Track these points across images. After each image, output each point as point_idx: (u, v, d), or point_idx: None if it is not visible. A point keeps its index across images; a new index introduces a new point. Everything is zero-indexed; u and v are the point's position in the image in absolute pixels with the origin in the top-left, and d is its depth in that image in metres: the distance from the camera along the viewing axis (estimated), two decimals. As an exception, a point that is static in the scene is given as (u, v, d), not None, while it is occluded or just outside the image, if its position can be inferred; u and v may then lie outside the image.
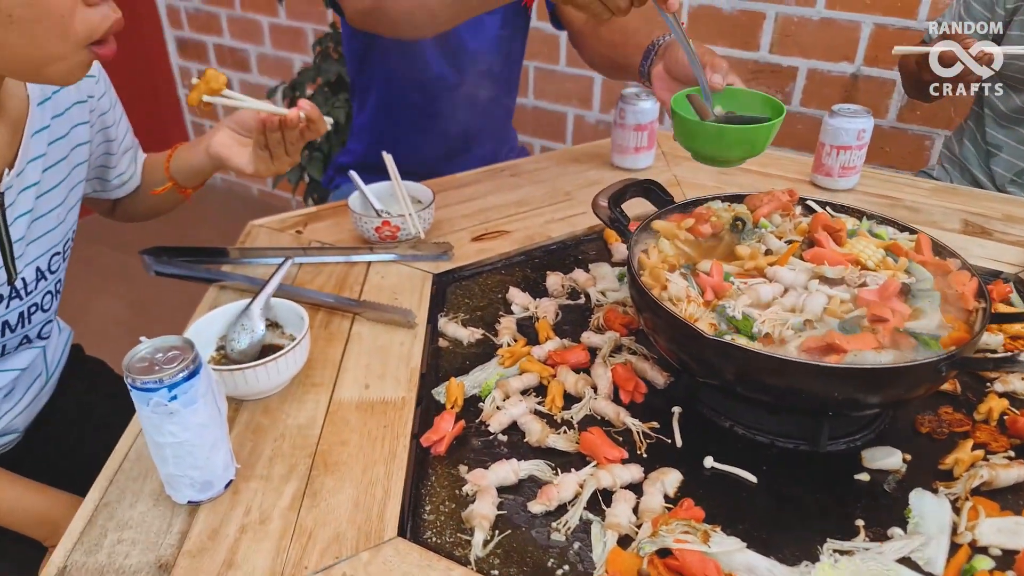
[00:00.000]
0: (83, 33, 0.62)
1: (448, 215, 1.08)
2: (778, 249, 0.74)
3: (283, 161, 0.85)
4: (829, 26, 1.81)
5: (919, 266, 0.69)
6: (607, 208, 0.78)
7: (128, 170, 0.95)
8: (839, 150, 1.11)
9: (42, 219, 0.77)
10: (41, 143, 0.76)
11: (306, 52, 2.69)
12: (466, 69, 1.23)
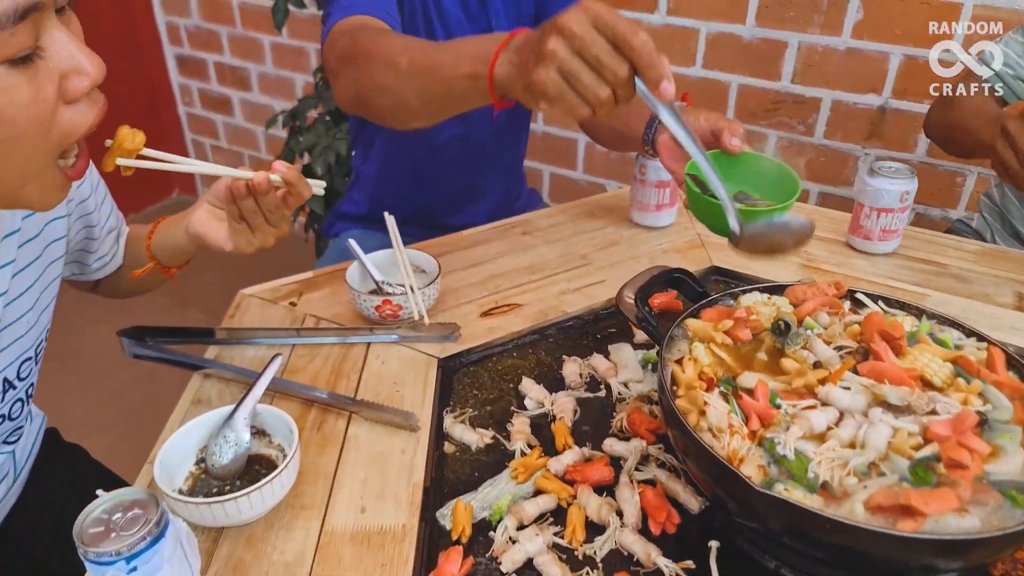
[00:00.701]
0: (60, 136, 0.54)
1: (455, 283, 0.99)
2: (828, 359, 0.65)
3: (265, 232, 0.74)
4: (856, 56, 1.72)
5: (995, 390, 0.60)
6: (634, 306, 0.69)
7: (110, 251, 0.87)
8: (880, 212, 1.02)
9: (10, 327, 0.69)
10: (11, 248, 0.67)
11: (308, 72, 2.61)
12: (474, 123, 1.15)
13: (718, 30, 1.86)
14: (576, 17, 0.57)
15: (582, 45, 0.57)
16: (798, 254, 1.07)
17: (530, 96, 0.63)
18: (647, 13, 1.92)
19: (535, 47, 0.60)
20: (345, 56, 0.84)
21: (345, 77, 0.84)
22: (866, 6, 1.67)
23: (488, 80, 0.66)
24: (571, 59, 0.58)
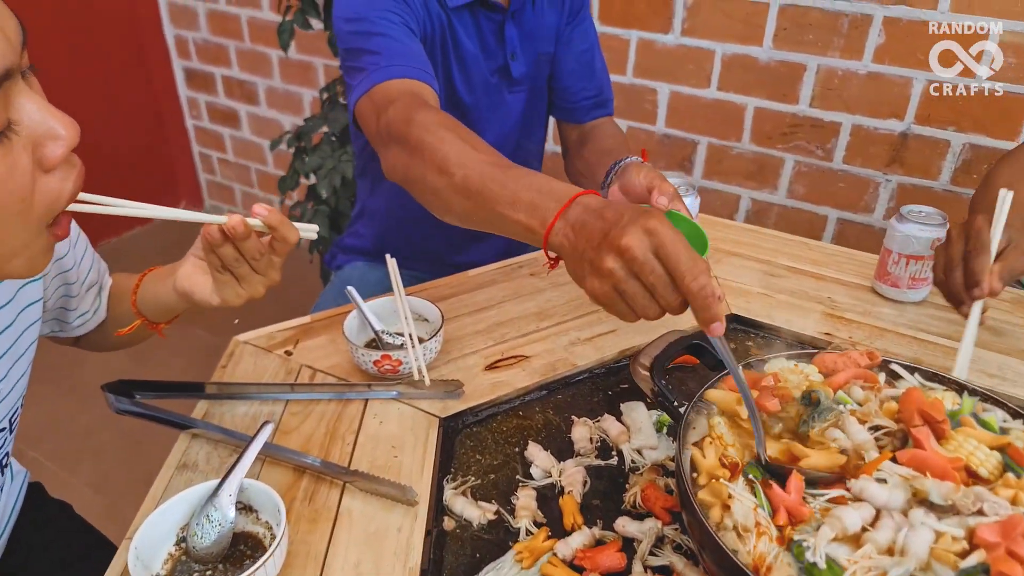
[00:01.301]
0: (43, 208, 0.51)
1: (459, 330, 0.94)
2: (863, 443, 0.60)
3: (253, 282, 0.68)
4: (876, 80, 1.67)
5: (1051, 486, 0.55)
6: (649, 378, 0.64)
7: (92, 307, 0.82)
8: (909, 260, 0.96)
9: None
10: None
11: (315, 87, 2.58)
12: None
13: (733, 51, 1.80)
14: (638, 241, 0.55)
15: (640, 271, 0.55)
16: (820, 300, 1.02)
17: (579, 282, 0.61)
18: (661, 33, 1.87)
19: (592, 258, 0.58)
20: (396, 135, 0.79)
21: (397, 156, 0.79)
22: (888, 30, 1.61)
23: (544, 240, 0.63)
24: (627, 280, 0.57)
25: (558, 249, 0.62)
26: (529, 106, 1.19)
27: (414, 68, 0.89)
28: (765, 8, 1.72)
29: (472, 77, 1.10)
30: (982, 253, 0.80)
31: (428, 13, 1.02)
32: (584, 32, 1.21)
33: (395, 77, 0.87)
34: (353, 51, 0.94)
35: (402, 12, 0.96)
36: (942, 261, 0.85)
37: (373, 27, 0.93)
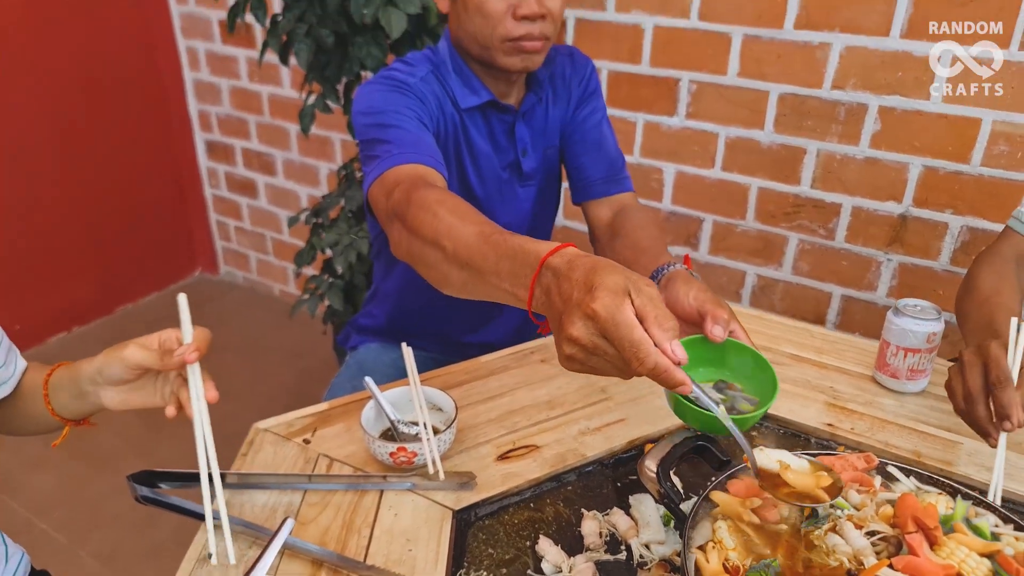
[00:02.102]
0: None
1: (472, 419, 0.98)
2: (860, 549, 0.62)
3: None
4: (874, 165, 1.73)
5: (1041, 597, 0.57)
6: (656, 480, 0.67)
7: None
8: (907, 352, 1.00)
9: None
10: None
11: (332, 159, 2.67)
12: None
13: (736, 135, 1.88)
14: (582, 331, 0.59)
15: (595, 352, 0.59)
16: (823, 390, 1.04)
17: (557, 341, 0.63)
18: (667, 116, 1.95)
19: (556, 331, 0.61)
20: (399, 214, 0.84)
21: (400, 234, 0.84)
22: (883, 118, 1.68)
23: (528, 305, 0.66)
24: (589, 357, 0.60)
25: (541, 310, 0.65)
26: (540, 197, 1.25)
27: (422, 155, 0.95)
28: (765, 95, 1.80)
29: (484, 172, 1.16)
30: (1008, 386, 0.77)
31: (442, 112, 1.09)
32: (593, 109, 1.24)
33: (404, 163, 0.93)
34: (369, 142, 1.01)
35: (416, 107, 1.03)
36: (960, 391, 0.83)
37: (387, 120, 1.00)
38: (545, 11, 1.02)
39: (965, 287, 1.04)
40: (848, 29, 1.66)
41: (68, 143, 2.63)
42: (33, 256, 2.64)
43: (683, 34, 1.85)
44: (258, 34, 2.62)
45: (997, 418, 0.78)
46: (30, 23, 2.43)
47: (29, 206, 2.57)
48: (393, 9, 1.57)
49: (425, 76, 1.07)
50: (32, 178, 2.57)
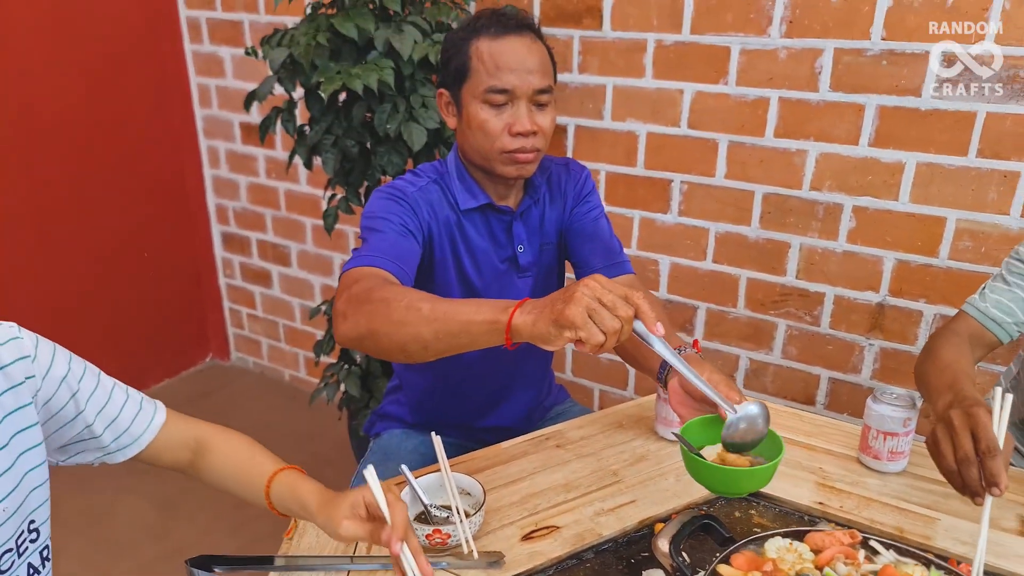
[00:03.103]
0: None
1: (496, 502, 1.08)
2: (848, 614, 0.72)
3: None
4: (852, 258, 1.89)
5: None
6: (669, 555, 0.77)
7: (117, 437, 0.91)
8: (886, 436, 1.11)
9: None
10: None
11: (346, 251, 2.83)
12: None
13: (725, 230, 2.04)
14: (596, 278, 0.80)
15: (602, 294, 0.78)
16: (813, 471, 1.15)
17: (556, 328, 0.79)
18: (661, 213, 2.12)
19: (563, 295, 0.80)
20: (358, 299, 0.97)
21: (355, 316, 0.96)
22: (858, 216, 1.85)
23: (507, 324, 0.83)
24: (593, 302, 0.78)
25: (521, 327, 0.82)
26: (536, 287, 1.38)
27: (386, 260, 1.09)
28: (751, 195, 1.98)
29: (481, 265, 1.30)
30: (996, 455, 0.87)
31: (435, 214, 1.24)
32: (590, 207, 1.39)
33: (367, 265, 1.07)
34: (361, 240, 1.17)
35: (404, 214, 1.19)
36: (951, 455, 0.91)
37: (375, 224, 1.17)
38: (537, 128, 1.20)
39: (925, 355, 1.17)
40: (821, 138, 1.84)
41: (91, 231, 2.78)
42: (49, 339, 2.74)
43: (674, 140, 2.04)
44: (278, 136, 2.82)
45: (986, 484, 0.88)
46: (66, 119, 2.62)
47: (48, 291, 2.70)
48: (414, 124, 1.75)
49: (426, 185, 1.24)
50: (53, 263, 2.70)
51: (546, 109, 1.21)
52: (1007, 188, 1.67)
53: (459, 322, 0.87)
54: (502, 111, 1.18)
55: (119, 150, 2.82)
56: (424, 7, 1.90)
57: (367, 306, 0.96)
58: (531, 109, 1.19)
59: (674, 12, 1.93)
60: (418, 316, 0.90)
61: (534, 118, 1.19)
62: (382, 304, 0.94)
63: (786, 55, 1.83)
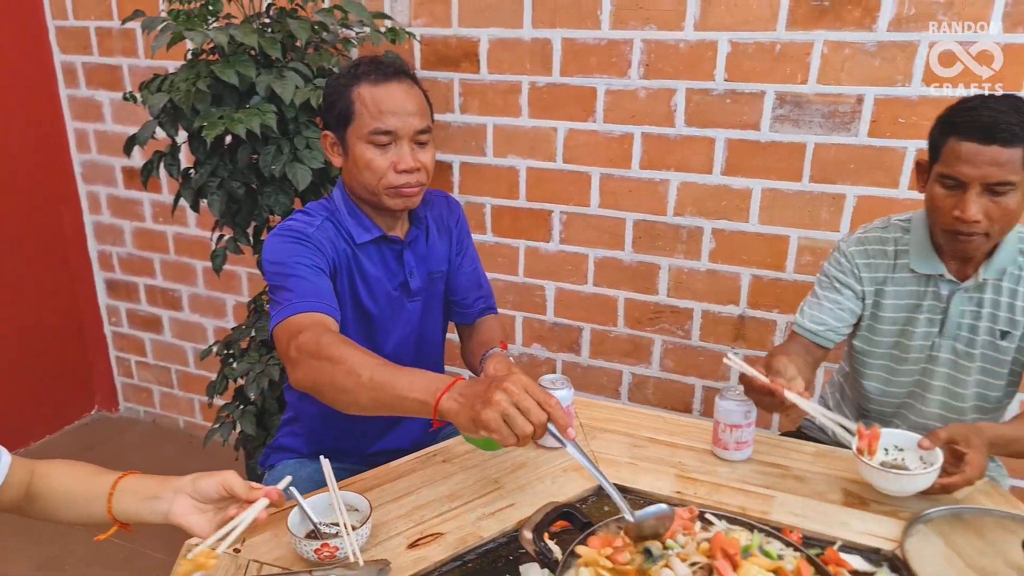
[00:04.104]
0: None
1: (384, 516, 1.14)
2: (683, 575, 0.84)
3: None
4: (714, 276, 2.08)
5: (803, 593, 0.79)
6: (532, 541, 0.87)
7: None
8: (732, 428, 1.26)
9: None
10: None
11: (239, 292, 2.81)
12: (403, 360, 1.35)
13: (603, 255, 2.20)
14: (515, 381, 0.89)
15: (519, 399, 0.88)
16: (674, 465, 1.28)
17: (474, 425, 0.90)
18: (544, 242, 2.26)
19: (483, 396, 0.90)
20: (307, 352, 1.07)
21: (306, 369, 1.07)
22: (716, 237, 2.05)
23: (434, 408, 0.94)
24: (510, 407, 0.88)
25: (448, 411, 0.93)
26: (425, 310, 1.48)
27: (320, 304, 1.19)
28: (623, 222, 2.15)
29: (376, 292, 1.38)
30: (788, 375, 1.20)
31: (335, 249, 1.32)
32: (471, 258, 1.57)
33: (305, 311, 1.16)
34: (275, 287, 1.24)
35: (312, 255, 1.27)
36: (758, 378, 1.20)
37: (289, 270, 1.24)
38: (419, 164, 1.31)
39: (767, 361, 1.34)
40: (680, 168, 2.04)
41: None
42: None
43: (552, 174, 2.19)
44: (163, 180, 2.79)
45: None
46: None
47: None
48: (299, 165, 1.81)
49: (321, 224, 1.32)
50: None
51: (426, 147, 1.33)
52: (836, 208, 1.91)
53: (394, 396, 0.99)
54: (386, 150, 1.28)
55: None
56: (306, 53, 1.98)
57: (315, 362, 1.07)
58: (413, 147, 1.30)
59: (544, 57, 2.09)
60: (358, 383, 1.02)
61: (416, 156, 1.30)
62: (328, 364, 1.05)
63: (645, 95, 2.02)
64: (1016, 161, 1.17)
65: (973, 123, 1.18)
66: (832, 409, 1.63)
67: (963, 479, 1.09)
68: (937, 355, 1.40)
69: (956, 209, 1.22)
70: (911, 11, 1.71)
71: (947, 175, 1.23)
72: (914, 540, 1.06)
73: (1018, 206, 1.21)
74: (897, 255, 1.40)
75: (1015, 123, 1.15)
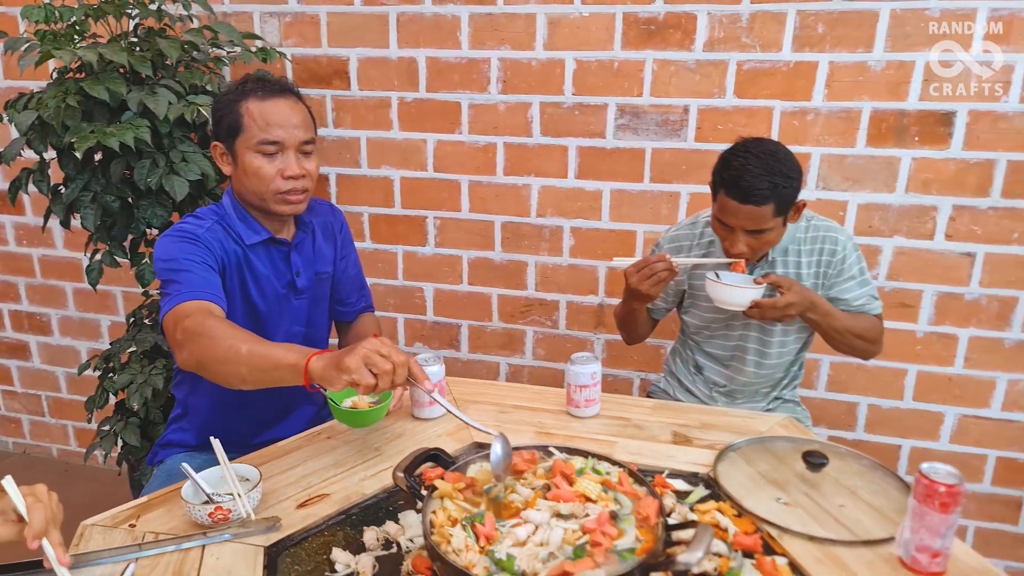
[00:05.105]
0: None
1: (274, 486, 1.25)
2: (527, 496, 1.02)
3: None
4: (575, 269, 2.31)
5: (623, 495, 0.99)
6: (404, 478, 1.02)
7: None
8: (581, 388, 1.46)
9: None
10: None
11: (115, 312, 2.77)
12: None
13: (475, 256, 2.39)
14: (379, 339, 1.06)
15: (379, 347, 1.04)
16: (534, 424, 1.47)
17: (336, 372, 1.04)
18: (420, 246, 2.41)
19: (348, 350, 1.04)
20: (192, 333, 1.18)
21: (191, 348, 1.18)
22: (575, 235, 2.28)
23: (304, 368, 1.07)
24: (372, 354, 1.03)
25: (313, 370, 1.06)
26: (311, 308, 1.60)
27: (206, 293, 1.31)
28: (492, 225, 2.34)
29: (265, 290, 1.50)
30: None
31: (225, 250, 1.43)
32: (354, 262, 1.72)
33: (191, 299, 1.28)
34: (165, 282, 1.35)
35: (202, 253, 1.38)
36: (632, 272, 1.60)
37: (179, 265, 1.34)
38: (305, 172, 1.44)
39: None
40: (540, 174, 2.26)
41: None
42: None
43: (424, 183, 2.36)
44: (27, 201, 2.72)
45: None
46: None
47: None
48: (176, 177, 1.88)
49: (211, 227, 1.42)
50: None
51: (311, 156, 1.46)
52: (673, 204, 2.19)
53: (271, 364, 1.12)
54: (274, 159, 1.41)
55: None
56: (176, 71, 2.05)
57: (199, 341, 1.18)
58: (298, 157, 1.43)
59: (411, 74, 2.26)
60: (237, 356, 1.14)
61: (302, 164, 1.43)
62: (209, 340, 1.17)
63: (504, 108, 2.23)
64: (769, 213, 1.48)
65: (734, 185, 1.48)
66: (678, 365, 1.88)
67: (774, 303, 1.50)
68: (748, 323, 1.68)
69: (726, 242, 1.57)
70: (721, 34, 2.02)
71: (721, 222, 1.56)
72: (724, 464, 1.29)
73: (776, 235, 1.55)
74: (708, 245, 1.68)
75: (766, 187, 1.45)
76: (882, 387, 2.17)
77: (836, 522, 1.13)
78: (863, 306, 1.64)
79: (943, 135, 1.94)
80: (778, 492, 1.21)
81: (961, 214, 1.99)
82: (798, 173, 1.49)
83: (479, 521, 0.96)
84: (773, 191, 1.45)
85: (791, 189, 1.48)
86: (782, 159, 1.47)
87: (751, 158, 1.47)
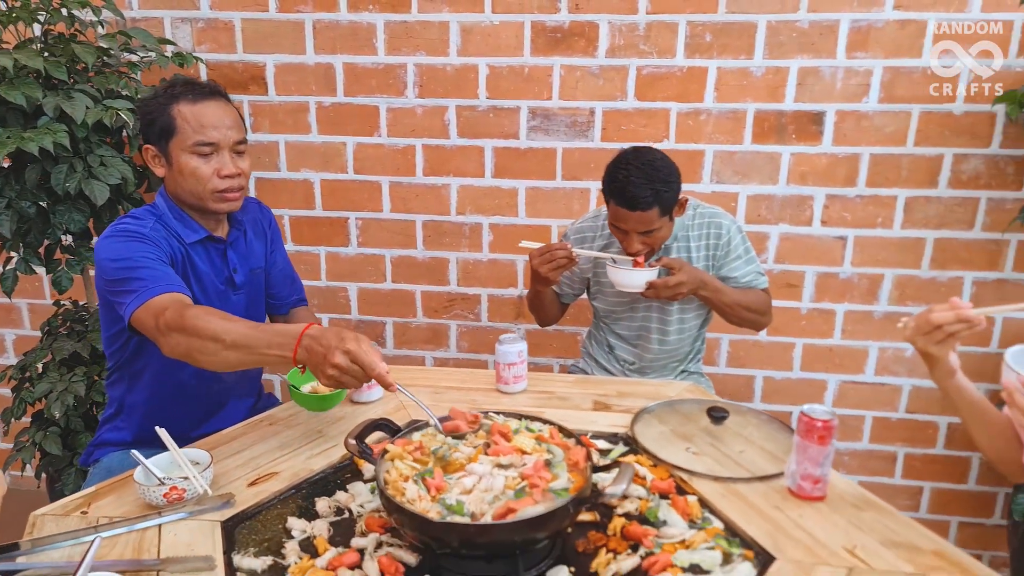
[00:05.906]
0: None
1: (224, 469, 1.30)
2: (470, 453, 1.13)
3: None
4: (495, 264, 2.44)
5: (555, 447, 1.12)
6: (355, 445, 1.11)
7: None
8: (509, 366, 1.59)
9: None
10: None
11: (21, 326, 2.68)
12: None
13: (398, 254, 2.48)
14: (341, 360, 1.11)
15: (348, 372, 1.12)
16: (468, 403, 1.58)
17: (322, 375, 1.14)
18: (343, 247, 2.48)
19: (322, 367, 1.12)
20: (174, 326, 1.23)
21: (175, 341, 1.23)
22: (494, 231, 2.41)
23: (293, 357, 1.16)
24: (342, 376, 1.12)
25: (303, 359, 1.14)
26: (249, 303, 1.65)
27: (174, 285, 1.35)
28: (413, 224, 2.44)
29: (206, 286, 1.54)
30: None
31: (171, 247, 1.47)
32: (283, 256, 1.78)
33: (162, 293, 1.31)
34: (121, 280, 1.35)
35: (155, 250, 1.42)
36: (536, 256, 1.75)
37: (136, 263, 1.37)
38: (240, 171, 1.50)
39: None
40: (458, 174, 2.38)
41: None
42: None
43: (345, 184, 2.43)
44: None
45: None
46: None
47: None
48: (95, 181, 1.87)
49: (153, 226, 1.45)
50: None
51: (244, 156, 1.52)
52: (583, 199, 2.35)
53: (257, 354, 1.19)
54: (209, 159, 1.46)
55: None
56: (90, 77, 2.03)
57: (182, 335, 1.22)
58: (233, 156, 1.48)
59: (328, 79, 2.33)
60: (224, 345, 1.20)
61: (236, 163, 1.49)
62: (194, 334, 1.21)
63: (422, 111, 2.33)
64: (655, 216, 1.65)
65: (620, 195, 1.65)
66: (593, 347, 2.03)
67: (666, 282, 1.66)
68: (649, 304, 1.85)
69: (623, 243, 1.74)
70: (621, 42, 2.20)
71: (616, 226, 1.73)
72: (640, 424, 1.45)
73: (666, 232, 1.73)
74: (610, 236, 1.85)
75: (649, 195, 1.62)
76: (775, 360, 2.41)
77: (736, 464, 1.30)
78: (751, 282, 1.84)
79: (815, 133, 2.20)
80: (687, 444, 1.37)
81: (833, 202, 2.25)
82: (676, 177, 1.68)
83: (429, 476, 1.06)
84: (656, 196, 1.63)
85: (671, 192, 1.66)
86: (659, 167, 1.65)
87: (632, 169, 1.64)
